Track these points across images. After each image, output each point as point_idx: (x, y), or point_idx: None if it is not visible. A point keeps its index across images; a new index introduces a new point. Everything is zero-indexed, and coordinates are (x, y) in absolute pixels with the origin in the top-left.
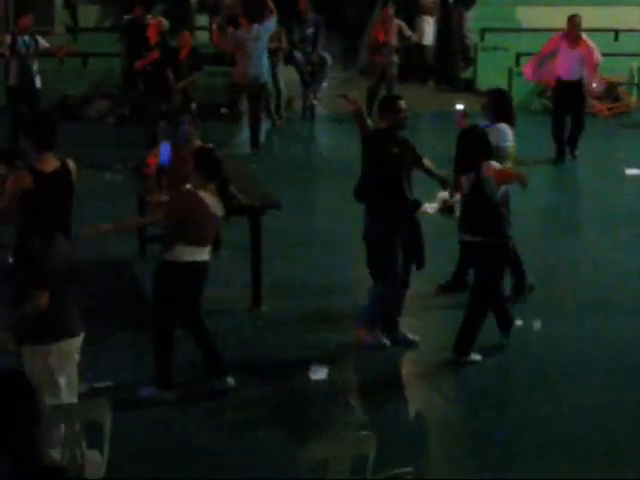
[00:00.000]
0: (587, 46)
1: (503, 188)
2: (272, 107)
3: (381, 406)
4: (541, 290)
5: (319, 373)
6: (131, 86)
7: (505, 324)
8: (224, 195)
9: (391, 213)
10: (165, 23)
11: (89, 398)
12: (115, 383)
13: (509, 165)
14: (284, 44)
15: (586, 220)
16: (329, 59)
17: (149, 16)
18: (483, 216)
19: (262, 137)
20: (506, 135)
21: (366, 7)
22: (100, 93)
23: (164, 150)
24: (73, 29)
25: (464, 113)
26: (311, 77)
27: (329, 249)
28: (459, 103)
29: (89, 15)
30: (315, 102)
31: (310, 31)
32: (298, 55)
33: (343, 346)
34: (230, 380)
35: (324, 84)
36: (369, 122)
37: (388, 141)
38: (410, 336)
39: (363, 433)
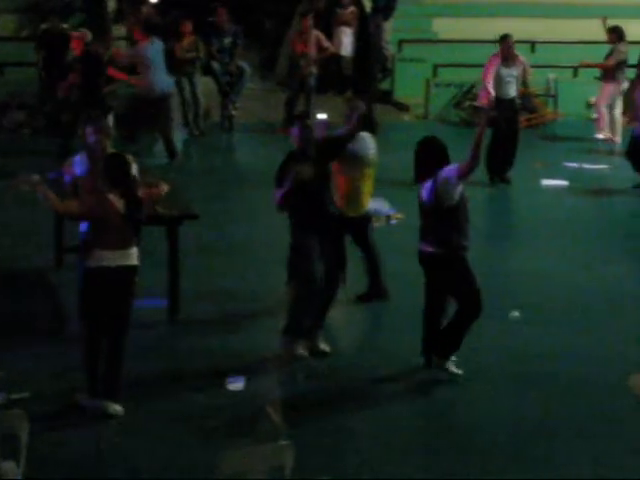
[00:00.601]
0: (522, 63)
1: (458, 196)
2: (190, 117)
3: (300, 416)
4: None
5: (236, 383)
6: (48, 97)
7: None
8: (130, 202)
9: (312, 224)
10: (88, 34)
11: (5, 409)
12: (32, 394)
13: (371, 172)
14: (202, 54)
15: (507, 233)
16: (247, 69)
17: (65, 25)
18: (440, 226)
19: (180, 147)
20: (367, 143)
21: (284, 18)
22: (16, 103)
23: (79, 160)
24: None
25: (325, 123)
26: (229, 87)
27: (247, 257)
28: (321, 113)
29: (6, 24)
30: (234, 112)
31: (228, 41)
32: (216, 65)
33: (263, 355)
34: (117, 408)
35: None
36: None
37: (299, 161)
38: (322, 346)
39: (281, 443)
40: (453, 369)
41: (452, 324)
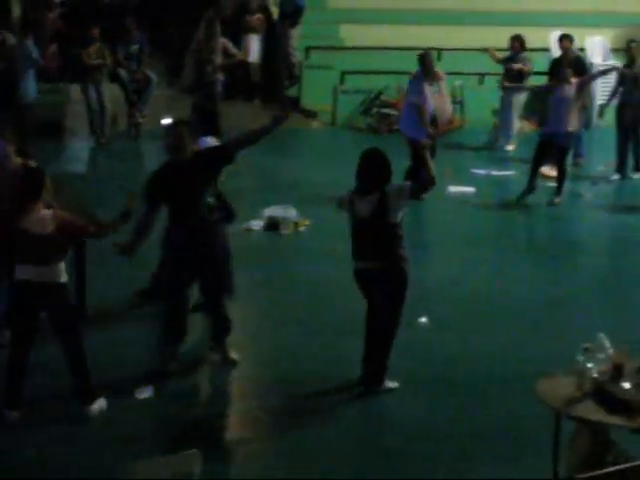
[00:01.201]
0: (442, 78)
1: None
2: (96, 124)
3: (208, 421)
4: None
5: (145, 392)
6: None
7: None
8: None
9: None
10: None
11: None
12: None
13: None
14: (109, 61)
15: (415, 240)
16: (154, 78)
17: None
18: (385, 240)
19: (85, 155)
20: None
21: (190, 25)
22: None
23: None
24: None
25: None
26: (136, 95)
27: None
28: (166, 118)
29: None
30: (140, 120)
31: (135, 48)
32: (123, 73)
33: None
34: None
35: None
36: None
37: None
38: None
39: (188, 452)
40: (390, 385)
41: (383, 344)
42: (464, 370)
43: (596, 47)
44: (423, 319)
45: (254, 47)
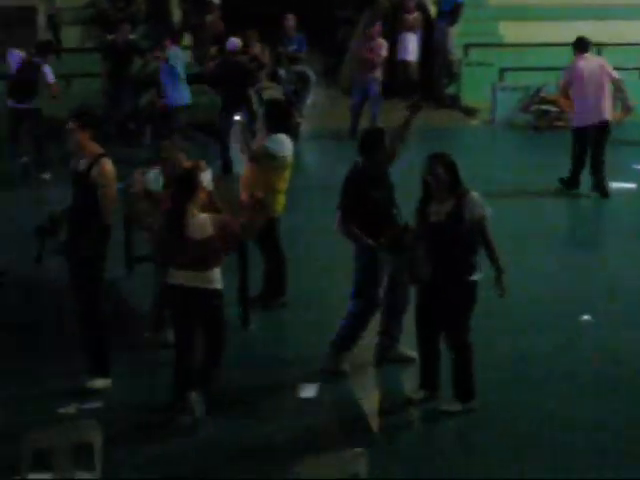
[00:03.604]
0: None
1: None
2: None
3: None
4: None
5: (308, 391)
6: (114, 106)
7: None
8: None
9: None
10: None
11: (78, 419)
12: (105, 404)
13: (287, 174)
14: (267, 61)
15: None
16: (313, 77)
17: (132, 36)
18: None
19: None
20: (283, 145)
21: (348, 25)
22: None
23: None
24: (56, 50)
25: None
26: (295, 95)
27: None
28: (237, 115)
29: (72, 36)
30: (299, 120)
31: (293, 49)
32: (282, 73)
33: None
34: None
35: (308, 102)
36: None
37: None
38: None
39: (356, 450)
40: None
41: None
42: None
43: None
44: (586, 317)
45: (412, 46)
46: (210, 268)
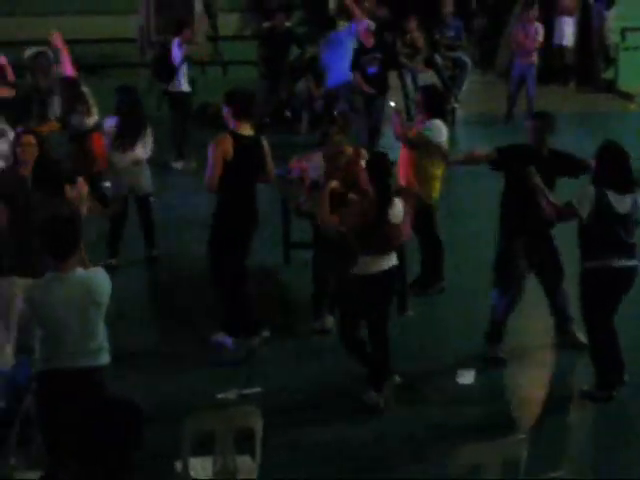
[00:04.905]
0: None
1: None
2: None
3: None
4: None
5: (466, 377)
6: (271, 94)
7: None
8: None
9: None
10: None
11: (239, 404)
12: (265, 389)
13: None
14: (422, 47)
15: None
16: (469, 62)
17: (288, 23)
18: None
19: None
20: (441, 131)
21: (504, 11)
22: None
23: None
24: (214, 38)
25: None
26: (451, 80)
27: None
28: (392, 100)
29: (229, 24)
30: (455, 105)
31: (450, 35)
32: (438, 58)
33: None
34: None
35: (464, 87)
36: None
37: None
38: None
39: (516, 437)
40: None
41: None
42: None
43: None
44: None
45: (568, 30)
46: (393, 251)
